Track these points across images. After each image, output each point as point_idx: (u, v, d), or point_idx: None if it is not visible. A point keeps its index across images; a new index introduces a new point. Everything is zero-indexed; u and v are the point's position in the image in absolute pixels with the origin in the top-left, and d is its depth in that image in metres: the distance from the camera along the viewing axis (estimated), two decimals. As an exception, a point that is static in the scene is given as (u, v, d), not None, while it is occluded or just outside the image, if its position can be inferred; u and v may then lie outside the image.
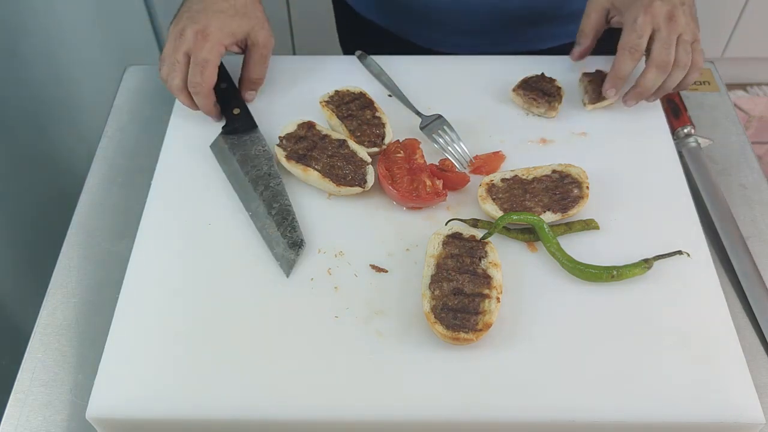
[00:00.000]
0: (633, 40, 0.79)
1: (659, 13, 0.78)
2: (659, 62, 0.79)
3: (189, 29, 0.79)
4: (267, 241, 0.73)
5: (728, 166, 0.88)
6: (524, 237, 0.73)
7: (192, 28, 0.79)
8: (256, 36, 0.84)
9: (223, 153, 0.81)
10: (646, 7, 0.79)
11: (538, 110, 0.85)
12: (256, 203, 0.75)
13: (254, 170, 0.78)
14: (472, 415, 0.62)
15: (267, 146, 0.80)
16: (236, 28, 0.81)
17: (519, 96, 0.86)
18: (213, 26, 0.79)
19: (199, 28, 0.79)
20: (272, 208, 0.74)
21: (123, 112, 0.94)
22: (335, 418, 0.62)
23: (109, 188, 0.86)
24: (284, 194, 0.76)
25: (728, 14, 2.13)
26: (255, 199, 0.76)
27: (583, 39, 0.87)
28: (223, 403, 0.62)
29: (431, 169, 0.77)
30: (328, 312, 0.68)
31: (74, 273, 0.78)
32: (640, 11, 0.79)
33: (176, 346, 0.65)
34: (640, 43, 0.79)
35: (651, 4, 0.79)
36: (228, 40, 0.81)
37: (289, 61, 0.93)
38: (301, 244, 0.71)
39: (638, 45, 0.80)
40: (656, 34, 0.79)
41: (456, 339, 0.64)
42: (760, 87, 2.29)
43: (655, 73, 0.80)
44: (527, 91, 0.85)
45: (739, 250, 0.78)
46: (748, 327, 0.73)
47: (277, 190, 0.76)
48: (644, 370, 0.64)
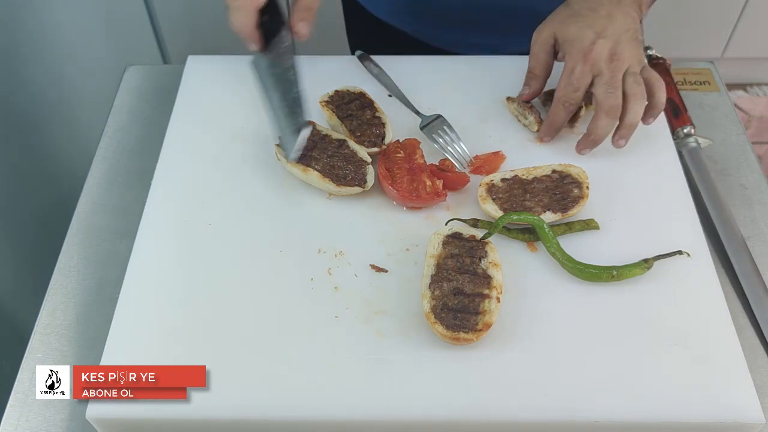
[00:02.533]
0: (568, 94, 0.77)
1: (600, 57, 0.75)
2: (607, 108, 0.76)
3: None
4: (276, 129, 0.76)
5: (728, 166, 0.88)
6: (524, 237, 0.73)
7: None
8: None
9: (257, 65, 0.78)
10: (586, 54, 0.76)
11: (526, 121, 0.84)
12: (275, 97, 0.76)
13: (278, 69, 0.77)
14: (472, 415, 0.62)
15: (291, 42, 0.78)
16: None
17: (511, 104, 0.85)
18: None
19: None
20: (285, 98, 0.75)
21: (123, 112, 0.94)
22: (335, 418, 0.62)
23: (109, 188, 0.86)
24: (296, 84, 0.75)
25: (728, 14, 2.13)
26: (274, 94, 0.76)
27: (533, 81, 0.83)
28: (222, 403, 0.62)
29: (431, 169, 0.77)
30: (328, 312, 0.68)
31: (74, 273, 0.78)
32: (579, 60, 0.76)
33: (175, 346, 0.65)
34: (576, 97, 0.78)
35: (591, 48, 0.75)
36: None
37: (289, 61, 0.93)
38: (302, 127, 0.72)
39: (573, 99, 0.78)
40: (597, 79, 0.76)
41: (456, 339, 0.64)
42: (760, 87, 2.28)
43: (605, 120, 0.77)
44: (520, 103, 0.85)
45: (739, 250, 0.78)
46: (748, 327, 0.73)
47: (291, 81, 0.76)
48: (644, 370, 0.64)
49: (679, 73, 0.99)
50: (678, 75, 0.98)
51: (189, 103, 0.86)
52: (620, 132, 0.78)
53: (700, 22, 2.15)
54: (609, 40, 0.76)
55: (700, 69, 1.01)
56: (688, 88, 0.98)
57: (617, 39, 0.76)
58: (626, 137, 0.79)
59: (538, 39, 0.81)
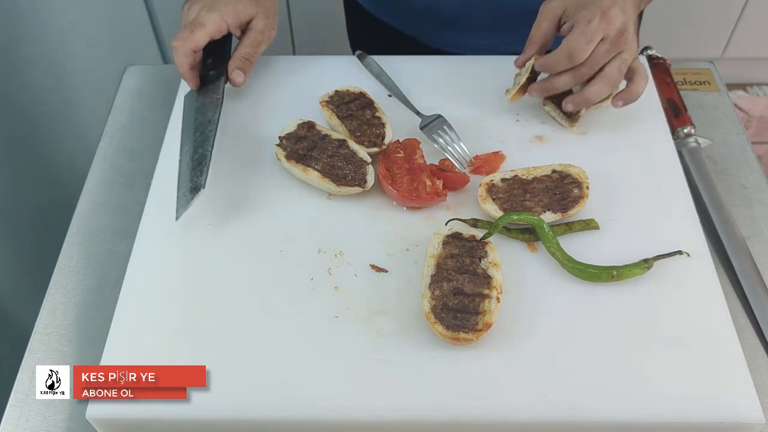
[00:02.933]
0: (580, 44, 0.75)
1: (615, 21, 0.74)
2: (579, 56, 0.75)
3: (197, 4, 0.83)
4: (178, 182, 0.75)
5: (728, 166, 0.88)
6: (524, 237, 0.73)
7: (200, 3, 0.83)
8: (257, 21, 0.85)
9: (189, 103, 0.83)
10: (605, 11, 0.74)
11: (562, 121, 0.84)
12: (187, 147, 0.78)
13: (201, 117, 0.80)
14: (472, 415, 0.62)
15: (222, 96, 0.82)
16: (242, 9, 0.84)
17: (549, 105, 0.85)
18: (220, 3, 0.83)
19: (207, 2, 0.83)
20: (196, 153, 0.76)
21: (123, 112, 0.94)
22: (335, 418, 0.62)
23: (109, 188, 0.86)
24: (210, 141, 0.77)
25: (728, 14, 2.13)
26: (188, 143, 0.78)
27: (529, 48, 0.82)
28: (222, 403, 0.62)
29: (431, 169, 0.77)
30: (328, 312, 0.68)
31: (74, 273, 0.78)
32: (597, 15, 0.74)
33: (175, 346, 0.65)
34: (585, 50, 0.75)
35: (610, 9, 0.74)
36: (231, 18, 0.83)
37: (289, 61, 0.93)
38: (198, 189, 0.72)
39: (582, 51, 0.75)
40: (601, 44, 0.75)
41: (456, 339, 0.64)
42: (760, 87, 2.28)
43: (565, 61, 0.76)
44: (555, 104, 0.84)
45: (739, 250, 0.78)
46: (748, 327, 0.73)
47: (207, 136, 0.77)
48: (644, 370, 0.64)
49: (679, 73, 0.99)
50: (678, 75, 0.98)
51: (189, 103, 0.86)
52: (572, 98, 0.80)
53: (700, 22, 2.15)
54: (622, 15, 0.75)
55: (700, 69, 1.01)
56: (688, 88, 0.98)
57: (628, 18, 0.76)
58: (575, 103, 0.80)
59: (545, 8, 0.81)
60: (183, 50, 0.81)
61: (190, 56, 0.82)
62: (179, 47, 0.81)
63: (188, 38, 0.81)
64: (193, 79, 0.83)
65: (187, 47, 0.81)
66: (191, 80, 0.83)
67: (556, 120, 0.85)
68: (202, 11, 0.82)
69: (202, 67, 0.84)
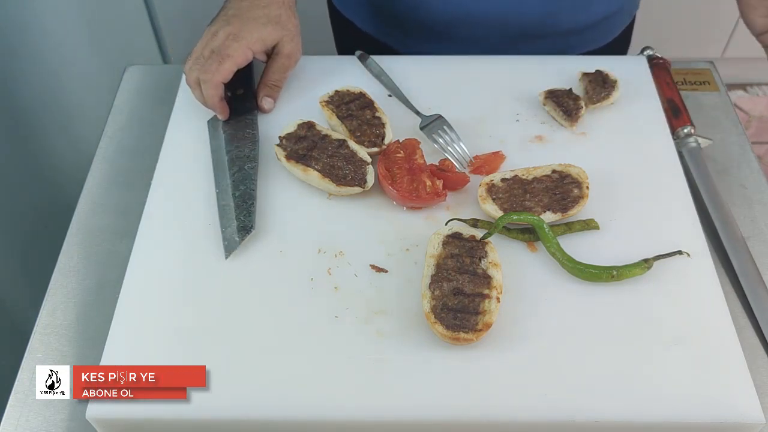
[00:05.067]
0: None
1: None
2: None
3: (222, 31, 0.81)
4: (221, 219, 0.73)
5: (728, 166, 0.88)
6: (524, 237, 0.73)
7: (225, 30, 0.81)
8: (283, 45, 0.85)
9: (215, 129, 0.82)
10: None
11: (562, 120, 0.84)
12: (225, 182, 0.77)
13: (236, 150, 0.79)
14: (472, 415, 0.62)
15: (257, 131, 0.82)
16: (267, 35, 0.83)
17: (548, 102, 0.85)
18: (245, 30, 0.82)
19: (232, 30, 0.81)
20: (237, 189, 0.75)
21: (123, 112, 0.94)
22: (335, 418, 0.62)
23: (109, 188, 0.86)
24: (253, 179, 0.77)
25: (728, 14, 2.13)
26: (226, 178, 0.77)
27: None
28: (222, 403, 0.62)
29: (431, 169, 0.77)
30: (328, 312, 0.68)
31: (74, 273, 0.78)
32: None
33: (175, 346, 0.65)
34: None
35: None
36: (257, 46, 0.83)
37: (289, 61, 0.93)
38: (249, 230, 0.72)
39: None
40: None
41: (456, 339, 0.64)
42: (760, 87, 2.28)
43: None
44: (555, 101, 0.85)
45: (739, 250, 0.78)
46: (748, 327, 0.73)
47: (248, 174, 0.77)
48: (644, 370, 0.64)
49: (679, 73, 0.99)
50: (678, 75, 0.98)
51: (189, 103, 0.86)
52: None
53: (700, 22, 2.14)
54: None
55: (700, 69, 1.01)
56: (688, 88, 0.98)
57: None
58: None
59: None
60: (213, 83, 0.80)
61: (219, 88, 0.81)
62: (209, 80, 0.80)
63: (217, 71, 0.80)
64: (224, 110, 0.83)
65: (217, 80, 0.80)
66: (221, 112, 0.83)
67: (556, 120, 0.85)
68: (227, 40, 0.81)
69: (225, 89, 0.84)
